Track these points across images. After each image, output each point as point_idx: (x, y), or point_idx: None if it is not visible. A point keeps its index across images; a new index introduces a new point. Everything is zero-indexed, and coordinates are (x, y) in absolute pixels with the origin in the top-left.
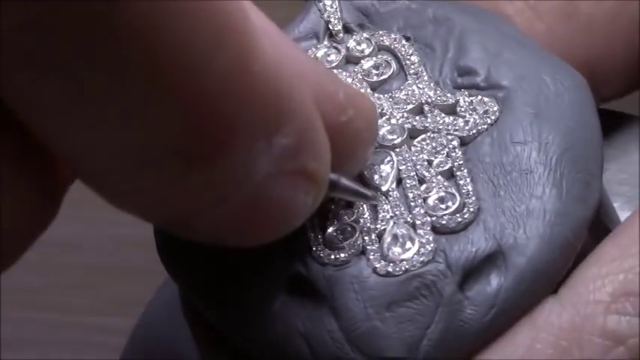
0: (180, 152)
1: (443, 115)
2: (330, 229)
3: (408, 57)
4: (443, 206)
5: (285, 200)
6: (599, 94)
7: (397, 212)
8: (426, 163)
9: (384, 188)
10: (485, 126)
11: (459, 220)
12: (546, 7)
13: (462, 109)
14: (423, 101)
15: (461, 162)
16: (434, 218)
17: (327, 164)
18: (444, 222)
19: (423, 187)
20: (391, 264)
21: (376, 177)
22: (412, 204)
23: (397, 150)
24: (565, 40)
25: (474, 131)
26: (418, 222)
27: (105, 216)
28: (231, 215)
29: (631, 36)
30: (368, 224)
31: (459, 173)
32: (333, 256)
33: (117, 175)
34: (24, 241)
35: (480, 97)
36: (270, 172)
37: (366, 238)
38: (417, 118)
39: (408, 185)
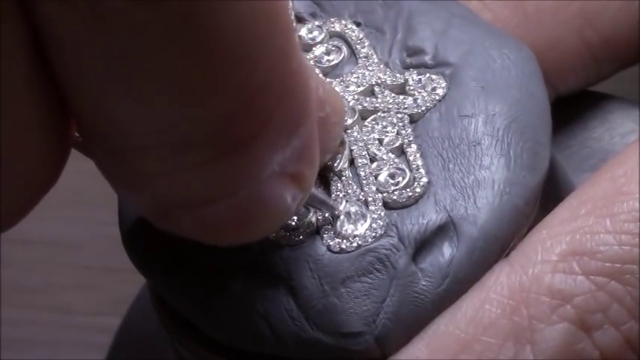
0: (219, 137)
1: (393, 94)
2: None
3: (359, 41)
4: (393, 182)
5: (275, 202)
6: (552, 87)
7: (349, 191)
8: (377, 142)
9: (336, 168)
10: (434, 102)
11: (410, 194)
12: None
13: (411, 88)
14: (374, 83)
15: (410, 138)
16: (385, 194)
17: (315, 172)
18: (394, 197)
19: (374, 165)
20: (344, 240)
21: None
22: (364, 182)
23: (349, 131)
24: (511, 29)
25: (423, 108)
26: (370, 199)
27: (105, 216)
28: (228, 212)
29: (581, 26)
30: None
31: (408, 149)
32: (288, 237)
33: (152, 153)
34: (31, 196)
35: (428, 75)
36: (273, 172)
37: (320, 217)
38: (368, 99)
39: (359, 164)
